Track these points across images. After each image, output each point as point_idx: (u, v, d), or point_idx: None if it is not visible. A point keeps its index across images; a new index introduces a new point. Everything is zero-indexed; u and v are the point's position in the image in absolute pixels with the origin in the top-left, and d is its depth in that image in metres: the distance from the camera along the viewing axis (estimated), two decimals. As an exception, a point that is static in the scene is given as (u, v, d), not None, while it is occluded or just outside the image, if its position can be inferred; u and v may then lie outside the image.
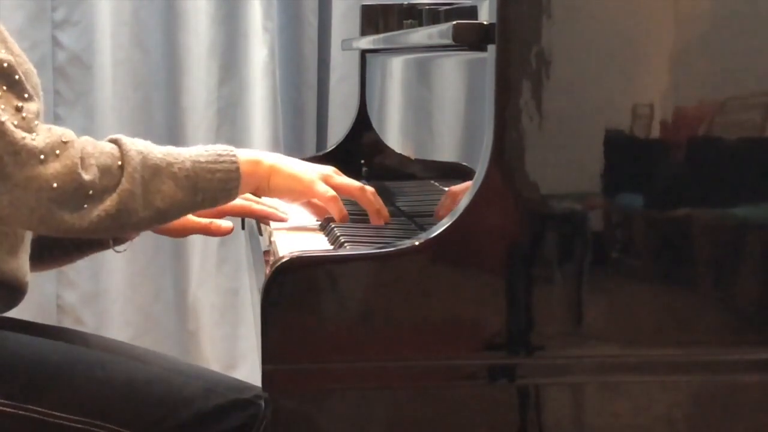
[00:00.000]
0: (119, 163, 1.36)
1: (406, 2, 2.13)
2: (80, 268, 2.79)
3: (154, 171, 1.38)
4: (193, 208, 1.44)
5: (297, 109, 3.01)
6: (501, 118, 1.24)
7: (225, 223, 1.61)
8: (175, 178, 1.39)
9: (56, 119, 2.76)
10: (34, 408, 1.38)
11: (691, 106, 1.28)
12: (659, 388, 1.29)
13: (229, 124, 2.92)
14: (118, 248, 1.61)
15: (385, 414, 1.26)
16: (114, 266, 2.85)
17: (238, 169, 1.44)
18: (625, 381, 1.28)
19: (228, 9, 2.89)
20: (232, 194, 1.45)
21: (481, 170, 1.24)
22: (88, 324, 2.81)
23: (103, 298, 2.86)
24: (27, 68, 1.42)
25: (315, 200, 1.57)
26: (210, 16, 2.88)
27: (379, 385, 1.24)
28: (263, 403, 1.45)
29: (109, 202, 1.35)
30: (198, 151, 1.44)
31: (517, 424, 1.27)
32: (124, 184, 1.36)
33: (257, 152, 1.52)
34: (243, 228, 1.95)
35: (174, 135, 2.88)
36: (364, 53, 2.21)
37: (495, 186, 1.24)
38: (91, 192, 1.34)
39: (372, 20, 2.22)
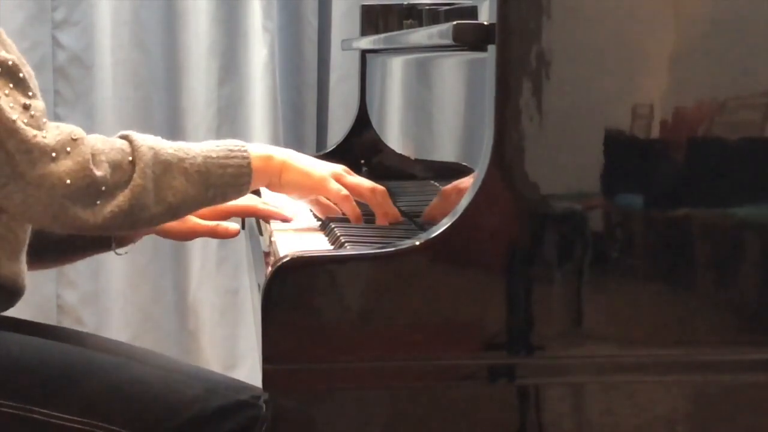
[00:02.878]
0: (130, 158, 1.37)
1: (406, 2, 2.13)
2: (80, 268, 2.79)
3: (165, 166, 1.38)
4: (204, 204, 1.44)
5: (297, 109, 3.01)
6: (501, 118, 1.24)
7: (232, 226, 1.61)
8: (187, 173, 1.39)
9: (56, 119, 2.75)
10: (35, 409, 1.38)
11: (691, 106, 1.28)
12: (659, 388, 1.29)
13: (229, 124, 2.92)
14: (119, 251, 1.61)
15: (384, 414, 1.26)
16: (114, 266, 2.85)
17: (249, 164, 1.44)
18: (625, 381, 1.28)
19: (228, 9, 2.90)
20: (243, 189, 1.45)
21: (481, 170, 1.24)
22: (88, 324, 2.81)
23: (103, 298, 2.86)
24: (27, 70, 1.42)
25: (323, 198, 1.57)
26: (210, 16, 2.88)
27: (379, 385, 1.24)
28: (264, 405, 1.45)
29: (122, 198, 1.35)
30: (209, 146, 1.44)
31: (517, 424, 1.27)
32: (136, 179, 1.36)
33: (269, 147, 1.52)
34: (243, 228, 1.95)
35: (174, 135, 2.87)
36: (364, 53, 2.21)
37: (495, 186, 1.24)
38: (103, 188, 1.34)
39: (372, 20, 2.22)
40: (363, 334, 1.22)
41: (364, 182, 1.56)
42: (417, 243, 1.23)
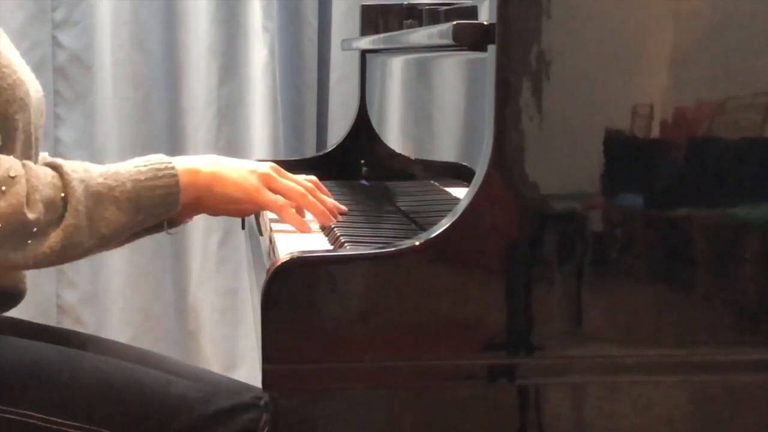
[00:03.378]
0: (62, 194, 1.34)
1: (406, 2, 2.13)
2: (80, 268, 2.79)
3: (97, 199, 1.36)
4: (135, 228, 1.42)
5: (297, 109, 3.01)
6: (501, 118, 1.24)
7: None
8: (117, 202, 1.37)
9: (56, 119, 2.76)
10: (34, 413, 1.37)
11: (691, 106, 1.28)
12: (659, 388, 1.29)
13: (229, 124, 2.92)
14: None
15: (385, 414, 1.26)
16: (114, 266, 2.85)
17: (177, 183, 1.42)
18: (625, 381, 1.28)
19: (228, 9, 2.90)
20: (172, 208, 1.43)
21: (481, 170, 1.24)
22: (88, 324, 2.81)
23: (103, 298, 2.86)
24: (14, 80, 1.40)
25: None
26: (210, 16, 2.88)
27: (379, 385, 1.24)
28: (264, 406, 1.45)
29: (54, 238, 1.33)
30: (137, 167, 1.41)
31: (517, 424, 1.27)
32: (69, 218, 1.33)
33: (195, 159, 1.48)
34: (243, 228, 1.95)
35: (174, 135, 2.88)
36: (364, 53, 2.21)
37: (495, 186, 1.24)
38: (35, 229, 1.32)
39: (372, 20, 2.22)
40: (363, 334, 1.22)
41: (296, 186, 1.52)
42: (417, 243, 1.22)
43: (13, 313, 1.54)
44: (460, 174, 1.46)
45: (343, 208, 1.58)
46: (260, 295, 1.22)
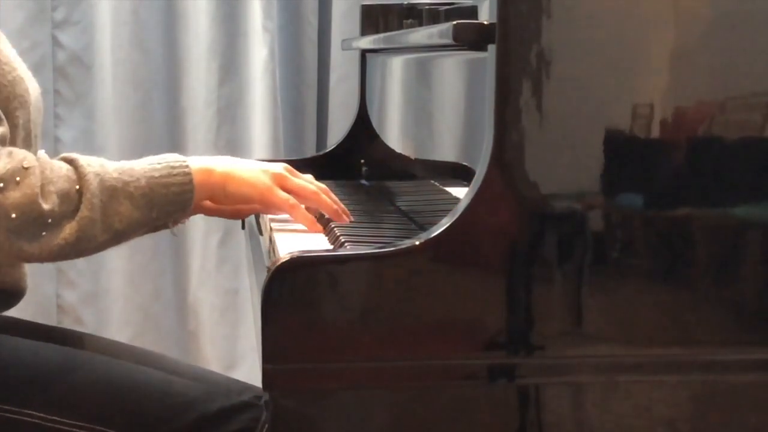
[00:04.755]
0: (77, 187, 1.34)
1: (406, 2, 2.13)
2: (80, 268, 2.79)
3: (111, 193, 1.36)
4: (148, 225, 1.42)
5: (297, 109, 3.01)
6: (501, 118, 1.24)
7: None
8: (132, 197, 1.38)
9: (56, 119, 2.76)
10: (35, 413, 1.37)
11: (691, 106, 1.28)
12: (659, 388, 1.29)
13: (229, 124, 2.92)
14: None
15: (385, 414, 1.26)
16: (114, 266, 2.85)
17: (191, 181, 1.42)
18: (625, 381, 1.28)
19: (228, 9, 2.90)
20: (186, 207, 1.43)
21: (481, 170, 1.24)
22: (88, 324, 2.81)
23: (103, 298, 2.86)
24: (14, 76, 1.40)
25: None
26: (210, 16, 2.88)
27: (379, 385, 1.24)
28: (264, 405, 1.45)
29: (69, 230, 1.33)
30: (151, 165, 1.41)
31: (517, 424, 1.27)
32: (84, 211, 1.34)
33: (209, 159, 1.49)
34: (243, 228, 1.95)
35: (174, 135, 2.88)
36: (364, 53, 2.21)
37: (495, 186, 1.24)
38: (50, 221, 1.32)
39: (372, 20, 2.22)
40: (363, 333, 1.22)
41: (309, 185, 1.53)
42: (417, 243, 1.22)
43: (13, 313, 1.54)
44: (460, 174, 1.46)
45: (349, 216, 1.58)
46: (260, 294, 1.22)
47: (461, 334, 1.24)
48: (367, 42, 2.07)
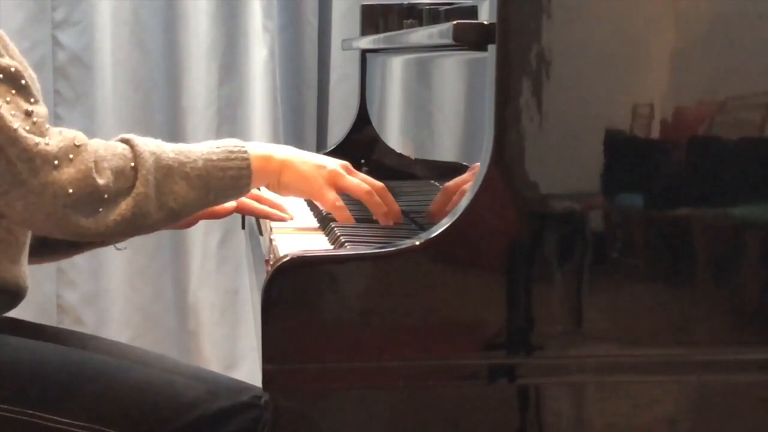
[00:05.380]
0: (132, 164, 1.36)
1: (406, 2, 2.13)
2: (80, 268, 2.79)
3: (167, 172, 1.38)
4: (204, 207, 1.44)
5: (297, 109, 3.01)
6: (501, 118, 1.24)
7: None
8: (188, 177, 1.39)
9: (56, 119, 2.76)
10: (35, 413, 1.37)
11: (691, 106, 1.28)
12: (659, 388, 1.29)
13: (229, 124, 2.92)
14: (119, 246, 1.61)
15: (385, 414, 1.26)
16: (114, 266, 2.85)
17: (249, 166, 1.44)
18: (625, 381, 1.28)
19: (228, 9, 2.90)
20: (243, 191, 1.46)
21: (481, 170, 1.24)
22: (88, 324, 2.81)
23: (103, 298, 2.86)
24: (29, 74, 1.41)
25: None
26: (210, 16, 2.88)
27: (379, 385, 1.24)
28: (264, 405, 1.45)
29: (125, 206, 1.35)
30: (209, 148, 1.43)
31: (517, 424, 1.27)
32: (139, 187, 1.35)
33: (269, 146, 1.51)
34: (243, 228, 1.95)
35: (174, 135, 2.87)
36: (364, 53, 2.21)
37: (495, 186, 1.24)
38: (106, 196, 1.34)
39: (372, 20, 2.22)
40: (363, 333, 1.22)
41: (363, 184, 1.54)
42: (417, 243, 1.23)
43: (13, 313, 1.54)
44: (460, 174, 1.46)
45: (401, 217, 1.60)
46: (260, 294, 1.22)
47: (461, 334, 1.24)
48: (367, 42, 2.07)
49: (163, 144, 1.41)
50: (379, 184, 1.57)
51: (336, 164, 1.54)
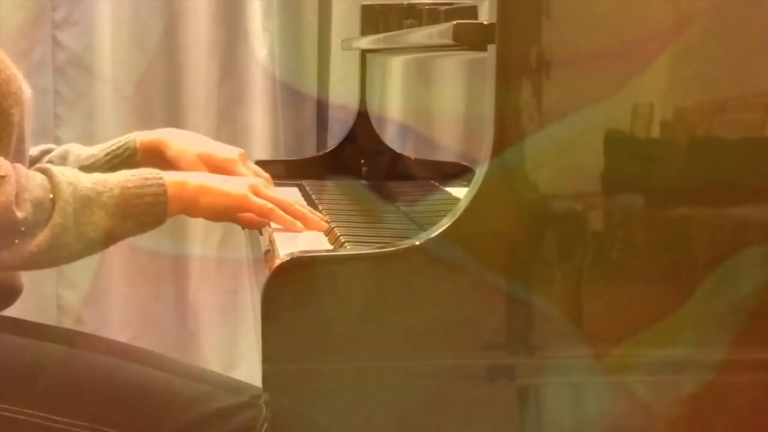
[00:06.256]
0: (50, 195, 1.35)
1: (406, 2, 2.13)
2: (80, 268, 2.79)
3: (84, 202, 1.37)
4: (122, 235, 1.42)
5: (297, 109, 3.01)
6: (501, 118, 1.24)
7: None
8: (105, 207, 1.38)
9: (56, 119, 2.76)
10: (35, 413, 1.37)
11: (691, 106, 1.28)
12: (659, 388, 1.29)
13: (229, 124, 2.92)
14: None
15: (384, 414, 1.26)
16: (114, 266, 2.84)
17: (165, 192, 1.43)
18: (625, 381, 1.28)
19: (228, 9, 2.89)
20: (159, 217, 1.44)
21: (481, 170, 1.24)
22: (88, 324, 2.81)
23: (103, 298, 2.86)
24: (8, 74, 1.41)
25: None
26: (210, 16, 2.88)
27: (379, 385, 1.24)
28: (264, 405, 1.45)
29: (41, 238, 1.34)
30: (125, 176, 1.42)
31: (517, 424, 1.27)
32: (56, 218, 1.34)
33: (183, 174, 1.50)
34: (243, 228, 1.94)
35: (174, 135, 2.87)
36: (364, 53, 2.21)
37: (495, 186, 1.24)
38: (23, 228, 1.33)
39: (372, 20, 2.22)
40: (363, 333, 1.22)
41: (282, 196, 1.53)
42: (417, 243, 1.22)
43: (13, 312, 1.54)
44: (460, 174, 1.46)
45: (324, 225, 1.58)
46: (260, 294, 1.22)
47: (461, 334, 1.24)
48: (367, 42, 2.07)
49: (79, 174, 1.40)
50: (296, 199, 1.53)
51: (254, 179, 1.53)
